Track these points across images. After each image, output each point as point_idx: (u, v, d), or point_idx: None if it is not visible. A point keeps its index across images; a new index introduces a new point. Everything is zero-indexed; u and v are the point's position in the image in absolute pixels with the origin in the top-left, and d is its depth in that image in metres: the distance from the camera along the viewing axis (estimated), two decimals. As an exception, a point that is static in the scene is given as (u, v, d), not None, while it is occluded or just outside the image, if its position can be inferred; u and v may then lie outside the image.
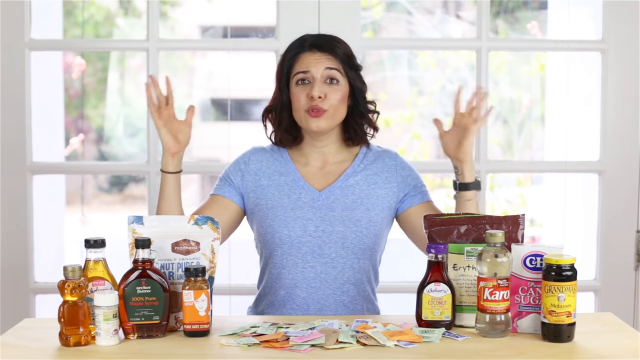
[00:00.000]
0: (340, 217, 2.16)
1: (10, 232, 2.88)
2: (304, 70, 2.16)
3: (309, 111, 2.14)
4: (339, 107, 2.17)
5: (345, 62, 2.18)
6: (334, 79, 2.16)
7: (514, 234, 1.95)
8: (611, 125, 2.95)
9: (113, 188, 7.36)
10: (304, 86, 2.16)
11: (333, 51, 2.17)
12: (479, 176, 2.22)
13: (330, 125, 2.17)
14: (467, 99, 2.13)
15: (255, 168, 2.23)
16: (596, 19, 2.99)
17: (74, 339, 1.76)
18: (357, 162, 2.24)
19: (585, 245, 3.08)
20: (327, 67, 2.15)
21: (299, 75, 2.16)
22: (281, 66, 2.21)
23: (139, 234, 1.87)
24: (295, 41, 2.22)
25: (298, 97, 2.16)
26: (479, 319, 1.84)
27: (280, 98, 2.20)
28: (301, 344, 1.74)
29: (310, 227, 2.16)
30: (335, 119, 2.17)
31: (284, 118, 2.21)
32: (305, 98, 2.14)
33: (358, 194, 2.20)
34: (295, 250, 2.16)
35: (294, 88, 2.17)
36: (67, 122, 5.05)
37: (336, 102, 2.15)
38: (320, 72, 2.15)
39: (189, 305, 1.80)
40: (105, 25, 6.18)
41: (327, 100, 2.14)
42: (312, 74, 2.15)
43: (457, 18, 6.46)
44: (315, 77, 2.15)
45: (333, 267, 2.16)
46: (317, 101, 2.13)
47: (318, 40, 2.19)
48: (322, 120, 2.14)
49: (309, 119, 2.14)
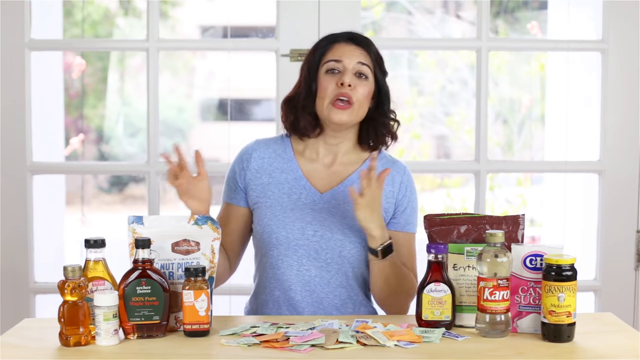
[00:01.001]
0: (340, 225, 2.13)
1: (10, 232, 2.88)
2: (336, 58, 2.13)
3: (335, 102, 2.10)
4: (364, 103, 2.14)
5: (377, 61, 2.17)
6: (364, 75, 2.13)
7: (514, 234, 1.95)
8: (611, 125, 2.95)
9: (113, 188, 7.36)
10: (333, 75, 2.13)
11: (368, 47, 2.16)
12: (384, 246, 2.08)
13: (352, 120, 2.13)
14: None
15: (257, 166, 2.21)
16: (596, 19, 2.99)
17: (74, 339, 1.76)
18: (364, 167, 2.17)
19: (585, 245, 3.08)
20: (360, 61, 2.13)
21: (331, 63, 2.13)
22: (312, 54, 2.18)
23: (139, 234, 1.87)
24: (327, 35, 2.20)
25: (325, 85, 2.12)
26: (479, 319, 1.84)
27: (308, 85, 2.16)
28: (301, 344, 1.74)
29: (309, 231, 2.14)
30: (358, 114, 2.13)
31: (309, 104, 2.16)
32: (333, 86, 2.11)
33: None
34: (292, 252, 2.15)
35: (322, 76, 2.14)
36: (67, 122, 5.05)
37: (362, 98, 2.12)
38: (353, 64, 2.12)
39: (189, 305, 1.80)
40: (103, 24, 6.18)
41: (355, 92, 2.11)
42: (344, 64, 2.12)
43: (457, 18, 6.46)
44: (347, 68, 2.12)
45: (327, 271, 2.15)
46: (347, 89, 2.09)
47: (354, 34, 2.18)
48: (346, 114, 2.10)
49: (332, 110, 2.11)
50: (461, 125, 6.14)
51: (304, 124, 2.17)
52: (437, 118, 6.37)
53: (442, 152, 6.68)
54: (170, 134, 6.86)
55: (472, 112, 3.16)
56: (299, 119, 2.18)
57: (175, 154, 2.05)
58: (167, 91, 6.75)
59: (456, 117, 6.21)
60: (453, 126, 6.22)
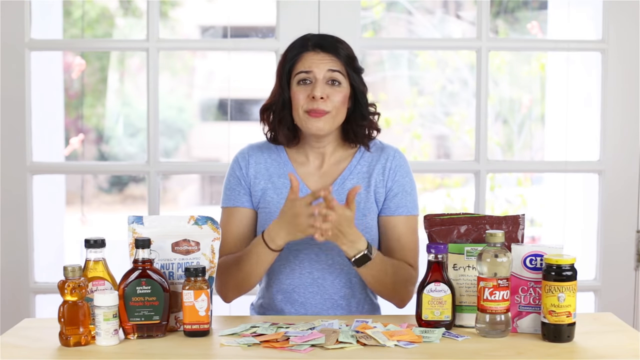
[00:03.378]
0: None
1: (10, 232, 2.88)
2: (306, 70, 2.12)
3: (309, 112, 2.10)
4: (340, 109, 2.14)
5: (348, 64, 2.15)
6: (336, 81, 2.13)
7: (514, 234, 1.95)
8: (611, 125, 2.95)
9: (113, 188, 7.36)
10: (305, 86, 2.12)
11: (336, 52, 2.14)
12: (363, 253, 2.03)
13: (331, 127, 2.14)
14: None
15: (254, 171, 2.20)
16: (596, 19, 2.99)
17: (74, 339, 1.76)
18: (354, 162, 2.20)
19: (585, 245, 3.08)
20: (330, 68, 2.12)
21: (301, 74, 2.13)
22: (282, 64, 2.17)
23: (139, 234, 1.87)
24: (298, 40, 2.19)
25: (298, 97, 2.12)
26: (479, 319, 1.84)
27: (282, 96, 2.16)
28: (301, 344, 1.74)
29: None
30: (335, 121, 2.14)
31: (285, 116, 2.16)
32: (305, 98, 2.11)
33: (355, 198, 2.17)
34: (293, 257, 2.15)
35: (294, 87, 2.14)
36: (67, 122, 5.05)
37: (338, 104, 2.12)
38: (323, 73, 2.12)
39: (189, 305, 1.80)
40: (101, 23, 6.18)
41: (329, 102, 2.10)
42: (314, 75, 2.12)
43: (457, 18, 6.46)
44: (318, 78, 2.11)
45: (330, 272, 2.15)
46: (319, 102, 2.09)
47: (321, 40, 2.16)
48: (322, 122, 2.11)
49: (308, 120, 2.11)
50: (461, 125, 6.14)
51: (282, 137, 2.18)
52: (437, 118, 6.37)
53: (442, 152, 6.69)
54: (170, 134, 6.86)
55: (472, 112, 3.16)
56: (277, 132, 2.19)
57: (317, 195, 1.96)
58: (167, 91, 6.75)
59: (456, 117, 6.21)
60: (453, 126, 6.22)
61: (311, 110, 2.10)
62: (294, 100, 2.14)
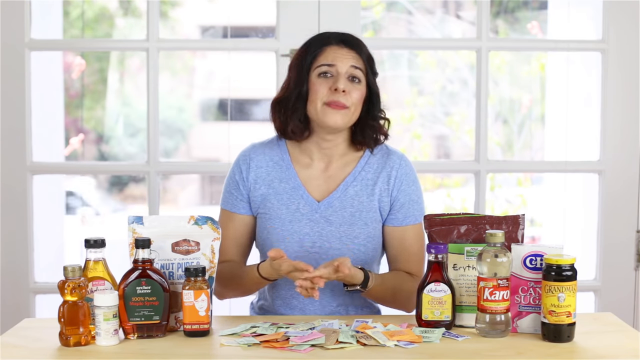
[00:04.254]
0: (337, 233, 2.12)
1: (10, 232, 2.88)
2: (329, 63, 2.10)
3: (330, 104, 2.08)
4: (358, 106, 2.12)
5: (369, 63, 2.15)
6: (357, 78, 2.11)
7: (514, 234, 1.95)
8: (611, 125, 2.95)
9: (113, 188, 7.36)
10: (326, 79, 2.10)
11: (360, 50, 2.13)
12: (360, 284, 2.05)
13: (346, 123, 2.11)
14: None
15: (255, 176, 2.17)
16: (596, 19, 2.99)
17: (74, 339, 1.76)
18: (359, 168, 2.17)
19: (585, 245, 3.08)
20: (353, 65, 2.10)
21: (323, 67, 2.10)
22: (302, 56, 2.13)
23: (139, 234, 1.87)
24: (317, 35, 2.17)
25: (318, 88, 2.09)
26: (479, 319, 1.84)
27: (298, 89, 2.12)
28: (301, 344, 1.74)
29: (307, 243, 2.13)
30: (352, 118, 2.11)
31: (299, 109, 2.12)
32: (326, 90, 2.08)
33: (357, 206, 2.14)
34: None
35: (314, 79, 2.10)
36: (67, 122, 5.05)
37: (357, 101, 2.10)
38: (346, 68, 2.10)
39: (189, 305, 1.80)
40: (100, 23, 6.18)
41: (349, 97, 2.08)
42: (337, 69, 2.09)
43: (457, 18, 6.46)
44: (340, 72, 2.09)
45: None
46: (340, 95, 2.07)
47: (345, 36, 2.15)
48: (340, 115, 2.08)
49: (327, 112, 2.08)
50: (461, 125, 6.14)
51: (292, 128, 2.14)
52: (437, 118, 6.37)
53: (442, 152, 6.68)
54: (170, 134, 6.86)
55: (472, 112, 3.16)
56: (287, 123, 2.14)
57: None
58: (167, 91, 6.74)
59: (456, 117, 6.21)
60: (453, 126, 6.22)
61: (332, 102, 2.07)
62: (313, 92, 2.10)
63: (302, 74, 2.12)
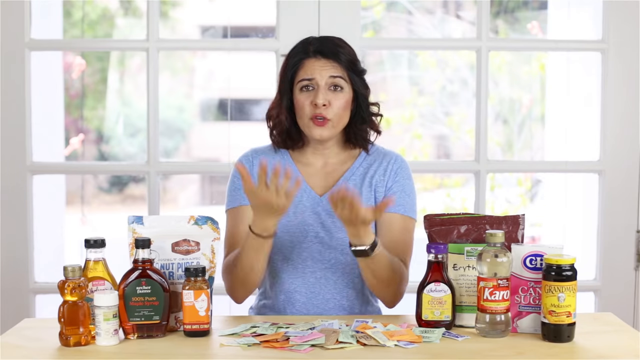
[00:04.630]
0: (339, 224, 2.12)
1: (10, 232, 2.88)
2: (308, 77, 2.14)
3: (313, 119, 2.12)
4: (343, 115, 2.15)
5: (349, 68, 2.16)
6: (338, 86, 2.14)
7: (514, 234, 1.95)
8: (611, 125, 2.95)
9: (113, 188, 7.35)
10: (308, 93, 2.14)
11: (337, 58, 2.15)
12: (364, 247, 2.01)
13: (333, 133, 2.16)
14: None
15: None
16: (596, 19, 2.99)
17: (74, 339, 1.76)
18: (357, 164, 2.22)
19: (585, 245, 3.08)
20: (332, 75, 2.14)
21: (303, 82, 2.14)
22: (284, 70, 2.19)
23: (139, 234, 1.87)
24: (299, 45, 2.20)
25: (302, 104, 2.14)
26: (479, 319, 1.84)
27: (282, 102, 2.18)
28: (301, 344, 1.74)
29: (311, 233, 2.16)
30: (338, 127, 2.16)
31: (286, 121, 2.18)
32: (309, 105, 2.13)
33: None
34: (296, 256, 2.16)
35: (297, 94, 2.15)
36: (67, 122, 5.05)
37: (340, 111, 2.14)
38: (325, 79, 2.13)
39: (189, 305, 1.80)
40: (102, 24, 6.18)
41: (330, 109, 2.12)
42: (316, 81, 2.13)
43: (457, 18, 6.45)
44: (320, 85, 2.13)
45: (333, 272, 2.16)
46: (321, 109, 2.12)
47: (322, 45, 2.17)
48: (325, 130, 2.13)
49: (312, 128, 2.13)
50: (461, 125, 6.13)
51: (288, 141, 2.21)
52: (437, 118, 6.37)
53: (442, 152, 6.68)
54: (170, 134, 6.85)
55: (472, 112, 3.15)
56: (281, 137, 2.21)
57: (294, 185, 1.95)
58: (167, 91, 6.74)
59: (456, 117, 6.21)
60: (453, 126, 6.22)
61: (314, 117, 2.13)
62: (298, 108, 2.16)
63: (286, 88, 2.18)
